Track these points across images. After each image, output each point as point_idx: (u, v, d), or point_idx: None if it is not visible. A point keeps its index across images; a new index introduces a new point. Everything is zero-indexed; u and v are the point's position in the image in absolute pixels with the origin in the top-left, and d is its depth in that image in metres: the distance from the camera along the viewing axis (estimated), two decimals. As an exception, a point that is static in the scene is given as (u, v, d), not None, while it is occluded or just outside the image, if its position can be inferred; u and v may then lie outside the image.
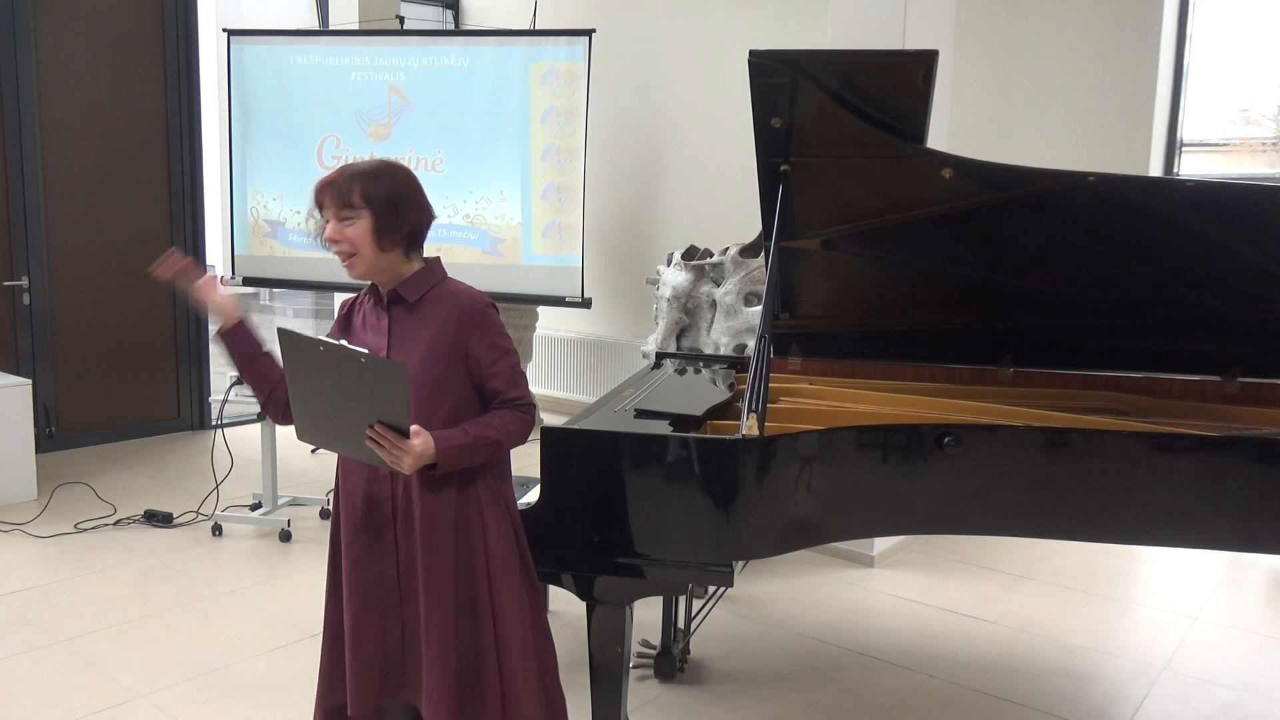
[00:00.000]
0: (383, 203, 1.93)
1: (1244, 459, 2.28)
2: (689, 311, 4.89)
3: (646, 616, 3.50)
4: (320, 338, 1.80)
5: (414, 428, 1.84)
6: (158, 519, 4.52)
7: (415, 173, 2.06)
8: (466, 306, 1.99)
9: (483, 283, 5.50)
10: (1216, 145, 4.91)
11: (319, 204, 1.97)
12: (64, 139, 5.64)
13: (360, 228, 1.93)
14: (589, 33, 5.46)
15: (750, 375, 2.37)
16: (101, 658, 3.23)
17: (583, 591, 2.27)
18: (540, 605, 2.15)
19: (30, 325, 5.57)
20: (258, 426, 4.44)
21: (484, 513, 2.03)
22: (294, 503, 4.72)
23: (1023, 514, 2.38)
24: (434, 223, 2.06)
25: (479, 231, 5.63)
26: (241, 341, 2.07)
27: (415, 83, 5.62)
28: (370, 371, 1.76)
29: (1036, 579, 4.08)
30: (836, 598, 3.83)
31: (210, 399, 6.19)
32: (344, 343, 1.80)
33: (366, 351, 1.77)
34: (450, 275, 2.08)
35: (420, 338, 1.99)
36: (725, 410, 2.69)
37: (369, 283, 2.09)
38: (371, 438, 1.83)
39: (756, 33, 5.72)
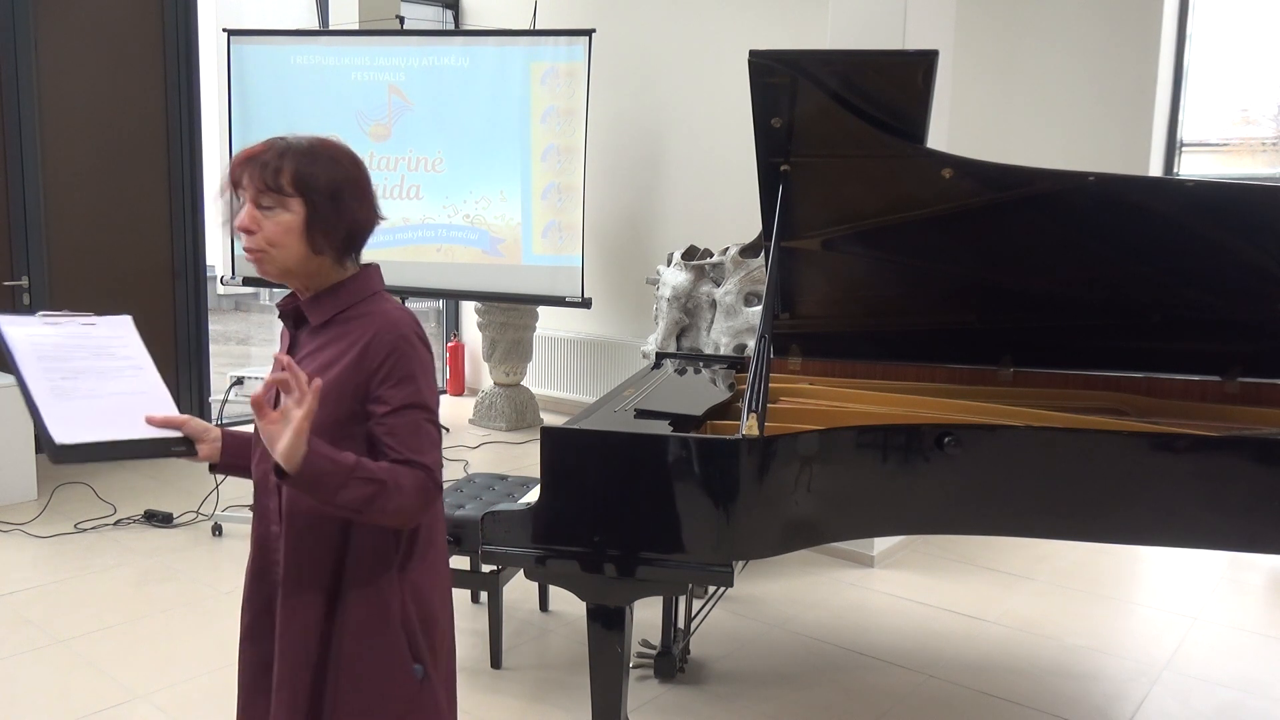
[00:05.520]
0: (323, 191, 1.52)
1: (1244, 459, 2.28)
2: (689, 311, 4.89)
3: (646, 616, 3.49)
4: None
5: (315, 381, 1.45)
6: (158, 519, 4.52)
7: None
8: (377, 335, 1.54)
9: (483, 283, 5.52)
10: (1216, 145, 4.91)
11: (235, 181, 1.54)
12: (64, 139, 5.64)
13: (284, 221, 1.52)
14: (589, 33, 5.46)
15: (750, 375, 2.37)
16: (101, 658, 3.23)
17: (582, 591, 2.27)
18: None
19: (30, 325, 5.57)
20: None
21: (348, 613, 1.59)
22: (294, 503, 4.71)
23: (1023, 514, 2.38)
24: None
25: (479, 231, 5.63)
26: (235, 458, 1.70)
27: (415, 83, 5.62)
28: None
29: (1036, 579, 4.07)
30: (836, 598, 3.83)
31: (210, 399, 6.19)
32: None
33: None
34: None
35: (320, 369, 1.58)
36: (725, 410, 2.70)
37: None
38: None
39: (756, 33, 5.72)
